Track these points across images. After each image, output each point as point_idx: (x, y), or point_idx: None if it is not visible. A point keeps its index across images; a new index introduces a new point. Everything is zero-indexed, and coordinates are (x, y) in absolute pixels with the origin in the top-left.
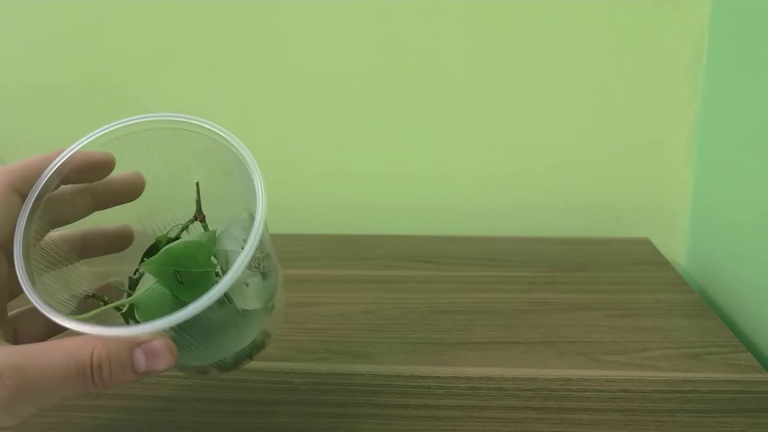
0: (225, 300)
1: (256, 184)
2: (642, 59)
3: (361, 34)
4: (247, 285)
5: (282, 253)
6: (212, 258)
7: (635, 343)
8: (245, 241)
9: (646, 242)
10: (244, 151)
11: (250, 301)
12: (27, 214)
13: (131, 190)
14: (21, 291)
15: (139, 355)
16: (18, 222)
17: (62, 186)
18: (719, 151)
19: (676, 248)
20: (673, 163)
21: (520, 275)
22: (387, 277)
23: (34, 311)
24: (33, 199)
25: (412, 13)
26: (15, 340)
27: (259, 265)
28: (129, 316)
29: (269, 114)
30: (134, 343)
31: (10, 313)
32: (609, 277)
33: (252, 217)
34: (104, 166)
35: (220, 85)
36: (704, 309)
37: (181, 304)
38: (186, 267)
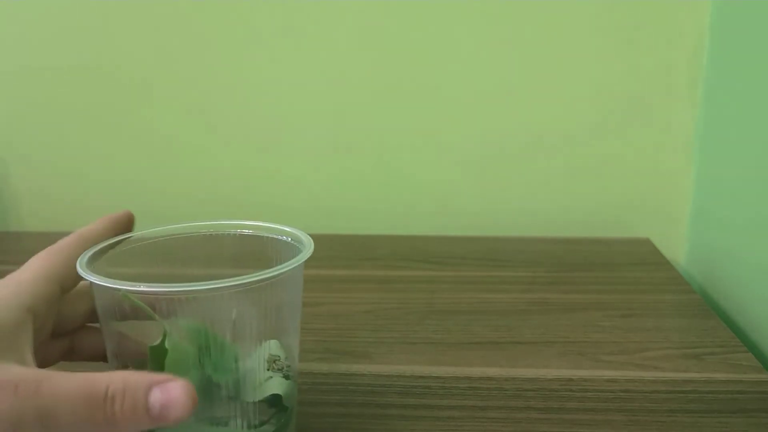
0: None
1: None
2: (643, 60)
3: (355, 34)
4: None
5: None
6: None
7: (636, 343)
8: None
9: (647, 242)
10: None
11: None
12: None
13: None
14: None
15: (156, 397)
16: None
17: None
18: (720, 151)
19: (676, 248)
20: (673, 163)
21: (521, 275)
22: (388, 277)
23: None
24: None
25: (411, 11)
26: None
27: (282, 368)
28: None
29: (270, 114)
30: (153, 382)
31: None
32: (610, 277)
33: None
34: (128, 223)
35: (219, 86)
36: (705, 309)
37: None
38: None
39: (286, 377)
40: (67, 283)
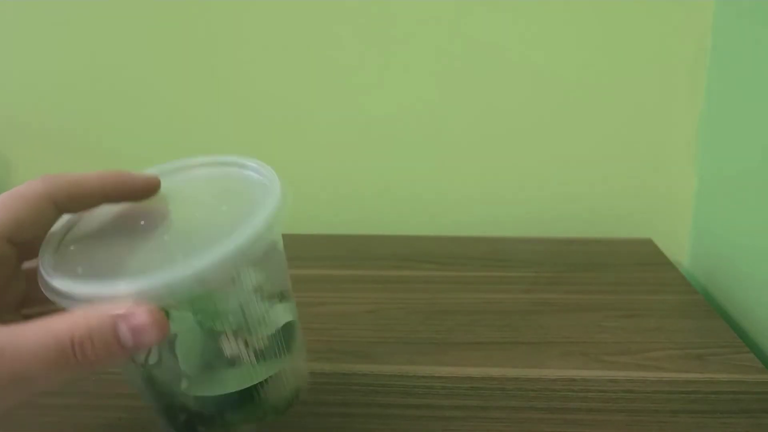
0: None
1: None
2: (645, 60)
3: (363, 37)
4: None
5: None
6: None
7: (638, 343)
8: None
9: (649, 243)
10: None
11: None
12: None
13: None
14: (37, 297)
15: (123, 330)
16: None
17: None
18: (722, 152)
19: (679, 249)
20: (676, 163)
21: (523, 275)
22: (390, 278)
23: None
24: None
25: (414, 13)
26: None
27: (274, 294)
28: None
29: (271, 114)
30: (117, 317)
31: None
32: (612, 277)
33: None
34: (149, 189)
35: (220, 88)
36: (707, 310)
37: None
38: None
39: (282, 299)
40: (23, 238)
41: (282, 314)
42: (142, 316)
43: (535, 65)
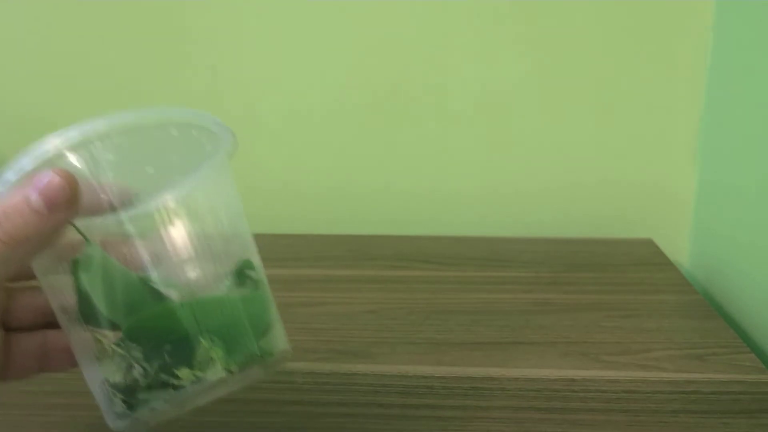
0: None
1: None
2: (646, 59)
3: (362, 36)
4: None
5: (285, 253)
6: None
7: (638, 343)
8: None
9: (650, 243)
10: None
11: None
12: None
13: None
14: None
15: (34, 194)
16: None
17: None
18: (723, 151)
19: (679, 249)
20: (676, 163)
21: (524, 276)
22: (390, 278)
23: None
24: None
25: (416, 13)
26: None
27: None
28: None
29: (270, 113)
30: (25, 193)
31: None
32: (612, 277)
33: None
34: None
35: (223, 82)
36: (707, 310)
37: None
38: None
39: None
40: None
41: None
42: (47, 175)
43: (535, 66)
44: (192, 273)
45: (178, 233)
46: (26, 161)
